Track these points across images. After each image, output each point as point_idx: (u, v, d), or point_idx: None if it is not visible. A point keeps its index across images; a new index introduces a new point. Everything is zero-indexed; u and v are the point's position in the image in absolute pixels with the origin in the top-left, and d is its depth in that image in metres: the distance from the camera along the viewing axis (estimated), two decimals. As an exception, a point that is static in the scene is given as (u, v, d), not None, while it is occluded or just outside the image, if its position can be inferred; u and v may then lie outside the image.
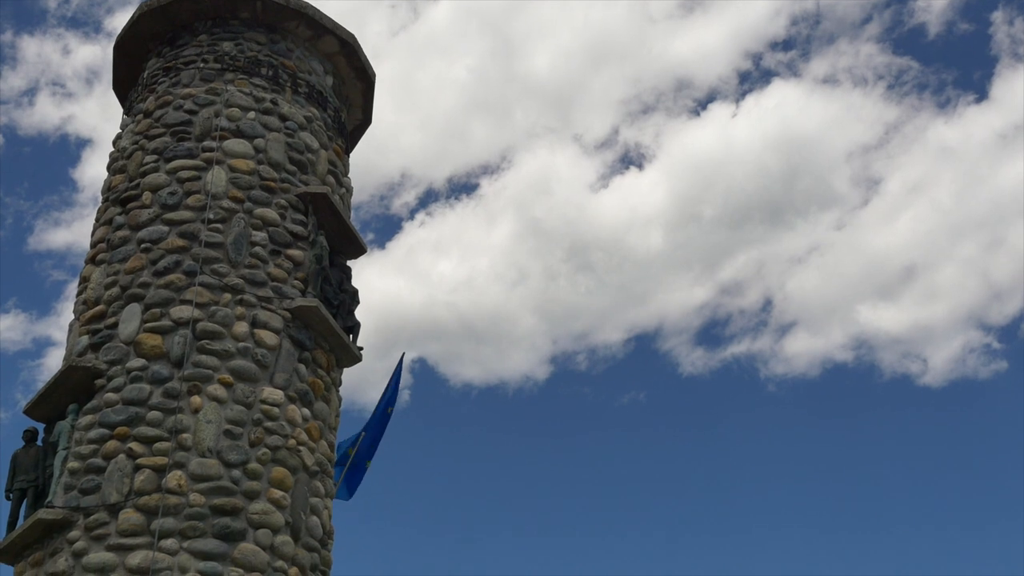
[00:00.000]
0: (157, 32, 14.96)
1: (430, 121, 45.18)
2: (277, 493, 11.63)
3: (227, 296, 12.41)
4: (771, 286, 43.43)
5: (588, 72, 45.34)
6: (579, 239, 43.35)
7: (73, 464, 11.60)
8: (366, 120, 16.44)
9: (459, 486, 40.77)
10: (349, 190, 14.99)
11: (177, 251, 12.62)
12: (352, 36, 15.36)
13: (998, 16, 43.94)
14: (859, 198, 44.10)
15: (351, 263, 14.34)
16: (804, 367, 41.73)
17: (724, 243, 43.51)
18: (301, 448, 12.14)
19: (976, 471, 39.81)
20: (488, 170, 46.70)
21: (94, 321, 12.58)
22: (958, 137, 44.74)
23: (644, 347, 43.48)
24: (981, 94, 46.24)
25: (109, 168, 14.30)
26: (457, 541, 39.12)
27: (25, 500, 12.15)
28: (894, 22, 44.39)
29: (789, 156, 43.18)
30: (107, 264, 12.98)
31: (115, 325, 12.35)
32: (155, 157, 13.50)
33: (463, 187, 46.45)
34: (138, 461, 11.33)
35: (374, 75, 15.86)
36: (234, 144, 13.49)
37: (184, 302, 12.25)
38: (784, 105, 44.33)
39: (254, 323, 12.41)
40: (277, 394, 12.14)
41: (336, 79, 15.50)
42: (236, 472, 11.48)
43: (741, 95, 45.53)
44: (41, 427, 12.67)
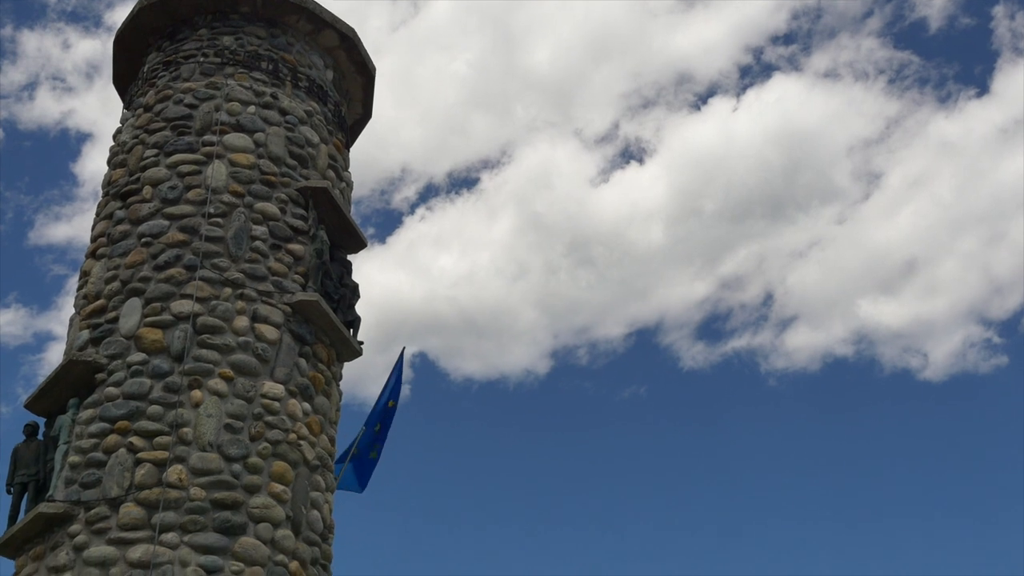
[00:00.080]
0: (157, 26, 14.96)
1: (430, 115, 45.16)
2: (278, 487, 11.65)
3: (228, 290, 12.42)
4: (772, 280, 43.43)
5: (588, 66, 45.31)
6: (580, 233, 43.35)
7: (74, 458, 11.62)
8: (366, 114, 16.44)
9: (459, 480, 40.84)
10: (349, 184, 14.99)
11: (177, 245, 12.63)
12: (352, 30, 15.35)
13: (999, 10, 43.94)
14: (860, 192, 44.09)
15: (351, 257, 14.34)
16: (805, 361, 41.75)
17: (725, 237, 43.50)
18: (302, 442, 12.15)
19: (976, 465, 39.84)
20: (488, 164, 46.68)
21: (95, 315, 12.59)
22: (959, 131, 44.72)
23: (645, 341, 43.51)
24: (982, 88, 46.25)
25: (109, 162, 14.30)
26: (458, 535, 39.19)
27: (26, 494, 12.16)
28: (895, 16, 44.36)
29: (790, 150, 43.16)
30: (107, 258, 12.99)
31: (116, 319, 12.35)
32: (155, 151, 13.50)
33: (463, 181, 46.47)
34: (139, 455, 11.34)
35: (374, 69, 15.85)
36: (234, 138, 13.49)
37: (185, 296, 12.26)
38: (785, 99, 44.31)
39: (255, 317, 12.42)
40: (278, 388, 12.15)
41: (336, 73, 15.49)
42: (237, 466, 11.49)
43: (742, 89, 45.52)
44: (42, 421, 12.68)
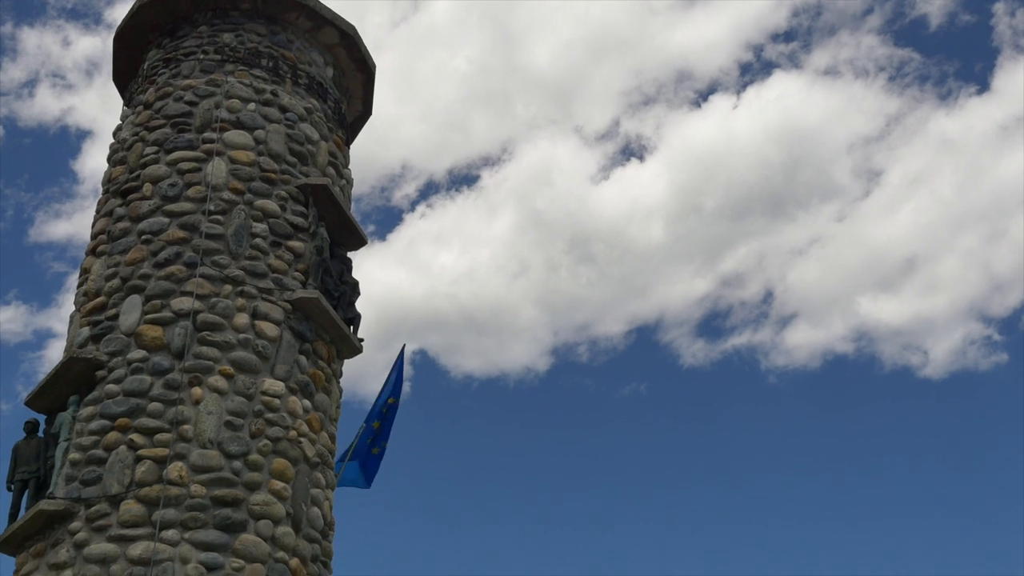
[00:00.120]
0: (157, 23, 14.95)
1: (431, 113, 45.15)
2: (278, 484, 11.65)
3: (228, 287, 12.42)
4: (772, 278, 43.45)
5: (589, 64, 45.33)
6: (580, 231, 43.37)
7: (74, 455, 11.62)
8: (366, 111, 16.43)
9: (459, 477, 40.86)
10: (349, 182, 14.99)
11: (178, 242, 12.63)
12: (352, 27, 15.34)
13: (999, 8, 43.97)
14: (860, 190, 44.11)
15: (352, 255, 14.34)
16: (805, 359, 41.78)
17: (725, 235, 43.53)
18: (302, 439, 12.16)
19: (977, 463, 39.88)
20: (489, 162, 46.66)
21: (95, 313, 12.59)
22: (959, 129, 44.74)
23: (645, 339, 43.54)
24: (982, 86, 46.26)
25: (109, 160, 14.30)
26: (457, 532, 39.23)
27: (26, 491, 12.17)
28: (895, 14, 44.36)
29: (790, 148, 43.17)
30: (108, 256, 12.99)
31: (116, 316, 12.36)
32: (155, 148, 13.50)
33: (464, 179, 46.51)
34: (139, 452, 11.35)
35: (374, 66, 15.84)
36: (234, 135, 13.49)
37: (185, 293, 12.26)
38: (785, 97, 44.35)
39: (255, 314, 12.42)
40: (278, 385, 12.16)
41: (336, 70, 15.49)
42: (237, 463, 11.49)
43: (742, 87, 45.53)
44: (42, 418, 12.68)
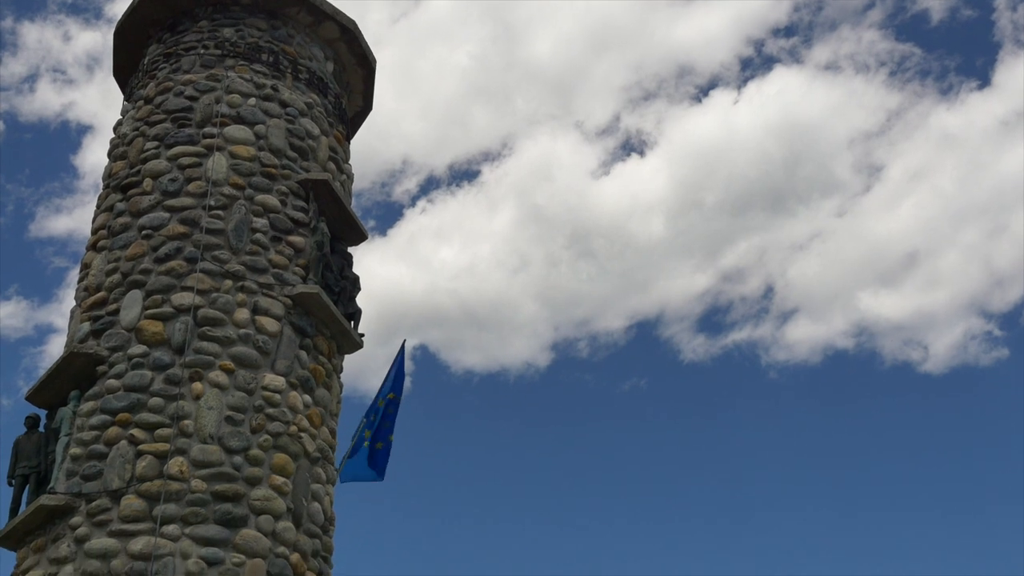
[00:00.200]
0: (157, 18, 14.93)
1: (431, 108, 45.09)
2: (278, 479, 11.66)
3: (228, 283, 12.42)
4: (772, 273, 43.38)
5: (589, 58, 45.24)
6: (580, 226, 43.30)
7: (75, 450, 11.63)
8: (367, 107, 16.42)
9: (460, 472, 40.85)
10: (350, 177, 14.99)
11: (178, 238, 12.62)
12: (353, 22, 15.32)
13: (1001, 3, 43.80)
14: (861, 185, 44.02)
15: (352, 250, 14.34)
16: (805, 354, 41.72)
17: (725, 230, 43.44)
18: (302, 434, 12.17)
19: (977, 458, 39.86)
20: (489, 157, 46.63)
21: (95, 308, 12.59)
22: (960, 124, 44.64)
23: (645, 334, 43.48)
24: (984, 81, 46.16)
25: (110, 154, 14.29)
26: (458, 527, 39.23)
27: (27, 486, 12.17)
28: (896, 8, 44.27)
29: (791, 143, 43.08)
30: (108, 251, 12.99)
31: (116, 312, 12.36)
32: (156, 143, 13.49)
33: (464, 174, 46.37)
34: (140, 447, 11.36)
35: (375, 61, 15.83)
36: (235, 130, 13.47)
37: (185, 289, 12.26)
38: (786, 92, 44.22)
39: (255, 310, 12.42)
40: (278, 380, 12.16)
41: (337, 65, 15.47)
42: (237, 458, 11.50)
43: (743, 81, 45.41)
44: (43, 413, 12.69)
